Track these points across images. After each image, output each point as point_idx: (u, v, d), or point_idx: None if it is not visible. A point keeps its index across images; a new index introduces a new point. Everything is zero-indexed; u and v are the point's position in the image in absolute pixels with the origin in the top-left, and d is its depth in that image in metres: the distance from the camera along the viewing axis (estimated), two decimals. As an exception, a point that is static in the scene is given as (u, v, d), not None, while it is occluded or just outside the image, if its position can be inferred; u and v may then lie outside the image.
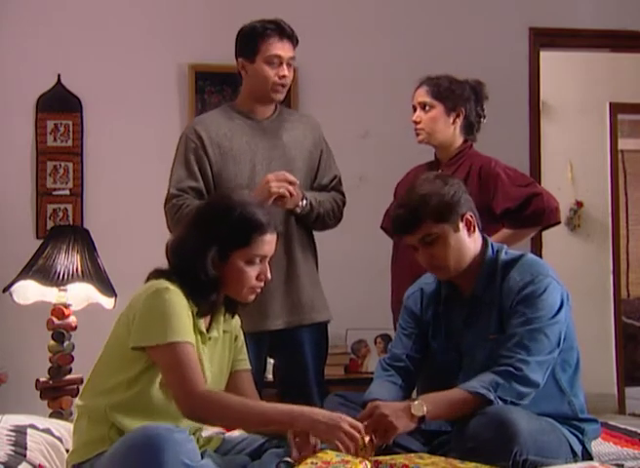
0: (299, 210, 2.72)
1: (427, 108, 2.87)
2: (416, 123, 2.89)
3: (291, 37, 2.71)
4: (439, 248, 2.19)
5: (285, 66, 2.69)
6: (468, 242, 2.23)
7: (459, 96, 2.87)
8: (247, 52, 2.71)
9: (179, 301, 1.96)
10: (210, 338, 2.07)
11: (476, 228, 2.25)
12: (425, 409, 2.03)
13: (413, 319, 2.39)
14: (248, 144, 2.74)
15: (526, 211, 2.77)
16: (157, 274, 2.05)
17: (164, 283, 1.98)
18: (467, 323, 2.26)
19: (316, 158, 2.86)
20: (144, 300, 1.96)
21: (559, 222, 2.90)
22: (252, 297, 2.10)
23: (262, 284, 2.09)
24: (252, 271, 2.04)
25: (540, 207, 2.77)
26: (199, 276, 1.99)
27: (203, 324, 2.06)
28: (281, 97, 2.77)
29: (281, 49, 2.68)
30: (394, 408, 2.04)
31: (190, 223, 2.10)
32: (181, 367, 1.91)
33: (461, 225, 2.21)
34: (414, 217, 2.18)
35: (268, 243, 2.06)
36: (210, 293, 2.03)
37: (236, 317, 2.21)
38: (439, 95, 2.86)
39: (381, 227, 3.11)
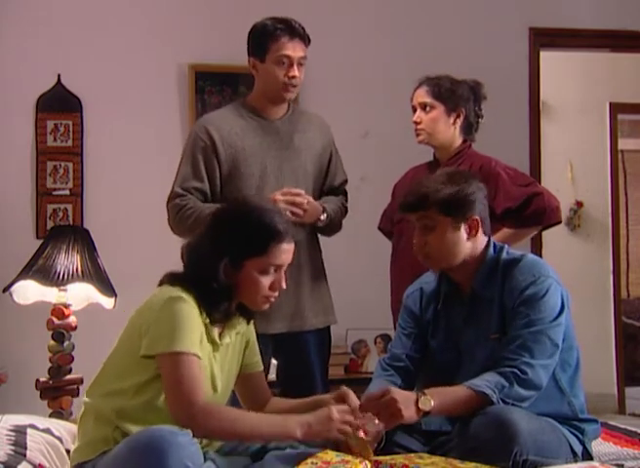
0: (320, 223, 2.74)
1: (428, 109, 2.86)
2: (416, 123, 2.89)
3: (302, 37, 2.68)
4: (434, 237, 2.21)
5: (295, 67, 2.67)
6: (464, 243, 2.23)
7: (459, 96, 2.86)
8: (257, 51, 2.69)
9: (190, 312, 1.93)
10: (222, 345, 2.05)
11: (479, 232, 2.25)
12: (433, 403, 2.03)
13: (412, 318, 2.39)
14: (260, 145, 2.73)
15: (527, 210, 2.77)
16: (171, 278, 2.02)
17: (178, 291, 1.95)
18: (467, 321, 2.26)
19: (325, 161, 2.86)
20: (158, 309, 1.94)
21: (560, 222, 2.90)
22: (266, 306, 2.08)
23: (277, 293, 2.05)
24: (266, 281, 2.01)
25: (541, 206, 2.77)
26: (211, 284, 1.96)
27: (216, 332, 2.03)
28: (292, 95, 2.75)
29: (291, 49, 2.66)
30: (405, 396, 2.04)
31: (205, 228, 2.06)
32: (183, 378, 1.89)
33: (464, 226, 2.22)
34: (422, 201, 2.21)
35: (285, 252, 2.02)
36: (222, 302, 1.99)
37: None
38: (440, 95, 2.85)
39: (379, 228, 3.11)
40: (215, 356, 2.04)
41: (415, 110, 2.91)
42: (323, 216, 2.73)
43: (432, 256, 2.24)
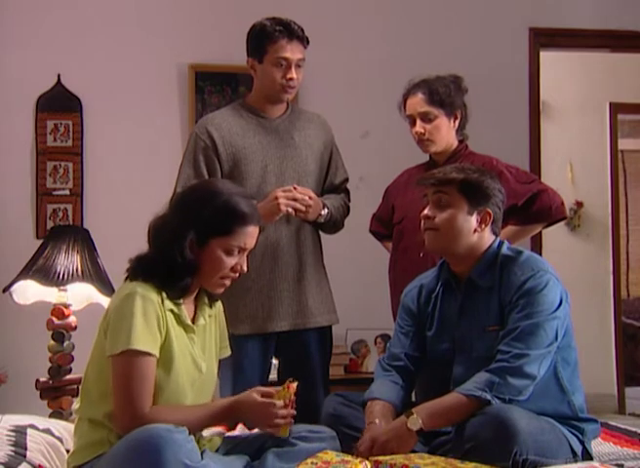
0: (321, 219, 2.74)
1: (430, 117, 2.78)
2: (420, 134, 2.79)
3: (301, 39, 2.68)
4: (446, 214, 2.25)
5: (293, 69, 2.67)
6: (470, 232, 2.26)
7: (453, 97, 2.81)
8: (256, 52, 2.69)
9: (144, 306, 1.92)
10: (197, 326, 2.08)
11: (488, 227, 2.28)
12: (421, 421, 2.05)
13: (410, 316, 2.40)
14: (260, 143, 2.73)
15: (533, 207, 2.75)
16: (133, 269, 2.03)
17: (134, 286, 1.96)
18: (462, 311, 2.28)
19: (326, 159, 2.86)
20: (114, 308, 1.96)
21: (566, 217, 2.91)
22: (220, 290, 2.09)
23: (237, 275, 2.07)
24: (228, 261, 2.03)
25: (546, 203, 2.76)
26: (176, 257, 1.97)
27: (187, 315, 2.05)
28: (290, 96, 2.76)
29: (289, 51, 2.65)
30: (393, 431, 2.08)
31: (174, 206, 2.09)
32: (131, 379, 1.89)
33: (476, 214, 2.25)
34: (446, 177, 2.27)
35: (250, 235, 2.04)
36: (184, 277, 2.00)
37: (218, 303, 2.21)
38: (437, 101, 2.77)
39: (370, 231, 3.10)
40: (192, 338, 2.05)
41: (413, 120, 2.82)
42: (324, 212, 2.74)
43: (436, 232, 2.26)
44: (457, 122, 2.84)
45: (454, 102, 2.81)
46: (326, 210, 2.75)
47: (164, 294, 1.98)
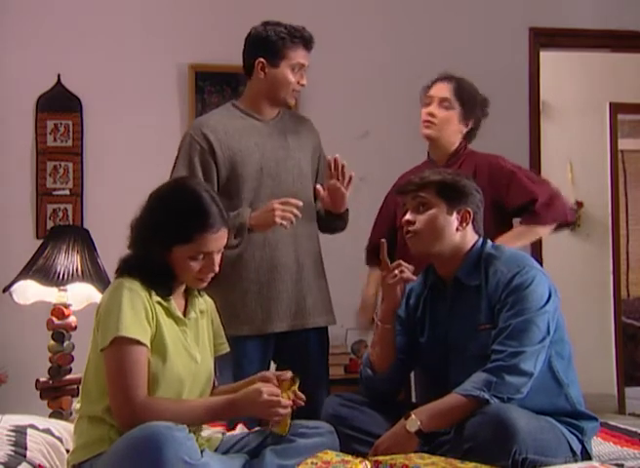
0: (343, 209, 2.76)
1: (447, 105, 2.80)
2: (429, 115, 2.81)
3: (312, 46, 2.72)
4: (426, 217, 2.27)
5: (304, 74, 2.71)
6: (453, 232, 2.28)
7: (474, 105, 2.84)
8: (271, 55, 2.68)
9: (131, 298, 1.95)
10: (189, 320, 2.09)
11: (469, 226, 2.30)
12: (419, 422, 2.07)
13: (398, 323, 2.40)
14: (256, 145, 2.73)
15: (548, 209, 2.73)
16: (120, 267, 2.06)
17: (121, 281, 1.99)
18: (452, 312, 2.30)
19: (316, 161, 2.87)
20: (103, 303, 2.00)
21: (574, 222, 2.91)
22: (200, 285, 2.09)
23: (209, 275, 2.06)
24: (194, 265, 2.02)
25: (560, 206, 2.76)
26: (147, 262, 2.01)
27: (176, 308, 2.06)
28: (293, 102, 2.80)
29: (304, 58, 2.70)
30: (393, 436, 2.10)
31: (144, 209, 2.10)
32: (123, 367, 1.90)
33: (455, 214, 2.28)
34: (422, 182, 2.30)
35: (212, 240, 2.02)
36: (162, 278, 2.02)
37: (210, 300, 2.22)
38: (462, 96, 2.80)
39: (368, 243, 3.09)
40: (185, 330, 2.06)
41: (429, 102, 2.84)
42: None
43: (419, 235, 2.28)
44: (465, 128, 2.85)
45: (472, 109, 2.84)
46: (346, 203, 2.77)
47: (152, 291, 2.01)
